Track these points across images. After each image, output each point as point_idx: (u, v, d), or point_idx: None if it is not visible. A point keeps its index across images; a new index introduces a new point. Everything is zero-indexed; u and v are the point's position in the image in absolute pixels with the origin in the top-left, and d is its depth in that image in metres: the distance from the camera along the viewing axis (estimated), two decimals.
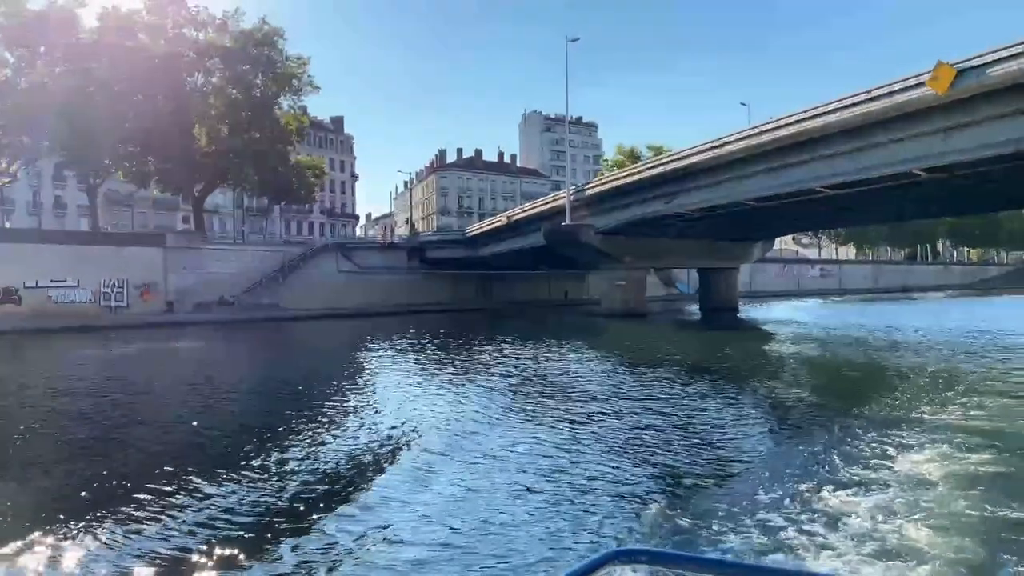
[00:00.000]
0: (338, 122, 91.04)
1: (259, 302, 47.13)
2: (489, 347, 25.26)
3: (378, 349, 27.19)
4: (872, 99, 21.70)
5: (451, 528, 6.67)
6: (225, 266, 47.19)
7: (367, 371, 21.27)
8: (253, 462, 9.25)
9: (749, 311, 48.13)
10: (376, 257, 57.75)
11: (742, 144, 27.25)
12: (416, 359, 24.15)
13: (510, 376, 17.89)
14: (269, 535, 6.63)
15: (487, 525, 6.77)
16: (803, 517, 6.54)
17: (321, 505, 7.55)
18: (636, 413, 12.63)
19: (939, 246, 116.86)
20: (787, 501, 7.08)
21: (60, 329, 36.29)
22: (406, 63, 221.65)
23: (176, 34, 43.79)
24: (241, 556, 6.07)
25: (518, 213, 47.44)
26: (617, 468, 8.82)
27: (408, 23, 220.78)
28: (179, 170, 43.31)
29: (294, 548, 6.26)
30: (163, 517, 7.05)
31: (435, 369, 20.82)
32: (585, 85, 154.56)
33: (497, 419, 12.40)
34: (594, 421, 12.01)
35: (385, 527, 6.74)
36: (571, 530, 6.62)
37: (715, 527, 6.38)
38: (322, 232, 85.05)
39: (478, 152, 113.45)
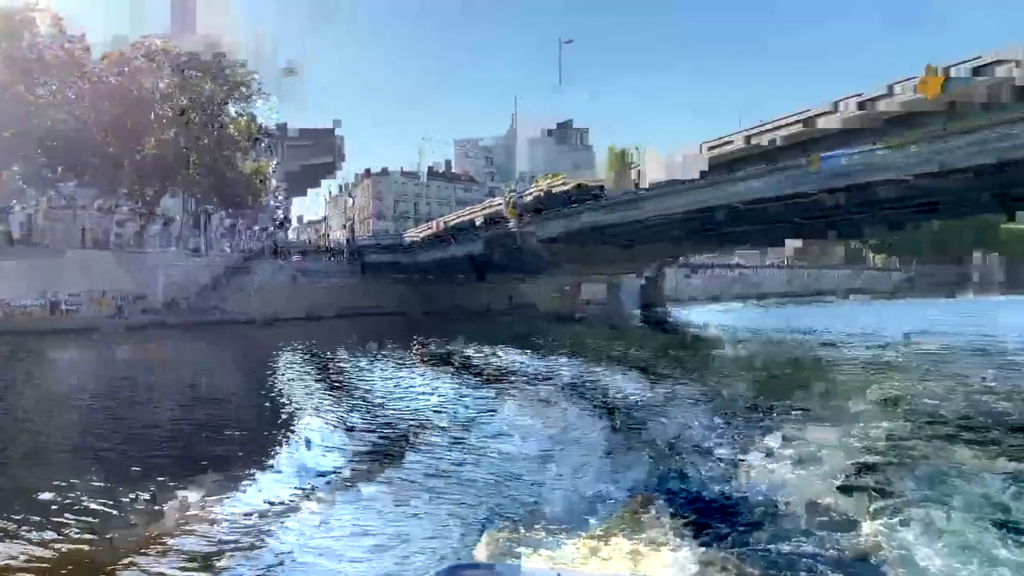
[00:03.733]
0: (282, 128, 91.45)
1: (206, 305, 48.16)
2: (432, 345, 27.57)
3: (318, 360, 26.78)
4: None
5: None
6: (175, 272, 48.08)
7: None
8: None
9: (674, 314, 52.41)
10: (319, 262, 59.29)
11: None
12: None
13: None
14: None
15: None
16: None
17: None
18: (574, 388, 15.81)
19: (867, 250, 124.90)
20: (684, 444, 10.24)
21: (18, 333, 36.48)
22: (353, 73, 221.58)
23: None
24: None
25: (451, 219, 49.43)
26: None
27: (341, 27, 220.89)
28: (129, 174, 44.39)
29: None
30: None
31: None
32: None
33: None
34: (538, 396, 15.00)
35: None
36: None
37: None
38: (259, 238, 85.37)
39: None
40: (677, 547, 6.10)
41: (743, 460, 9.12)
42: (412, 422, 12.46)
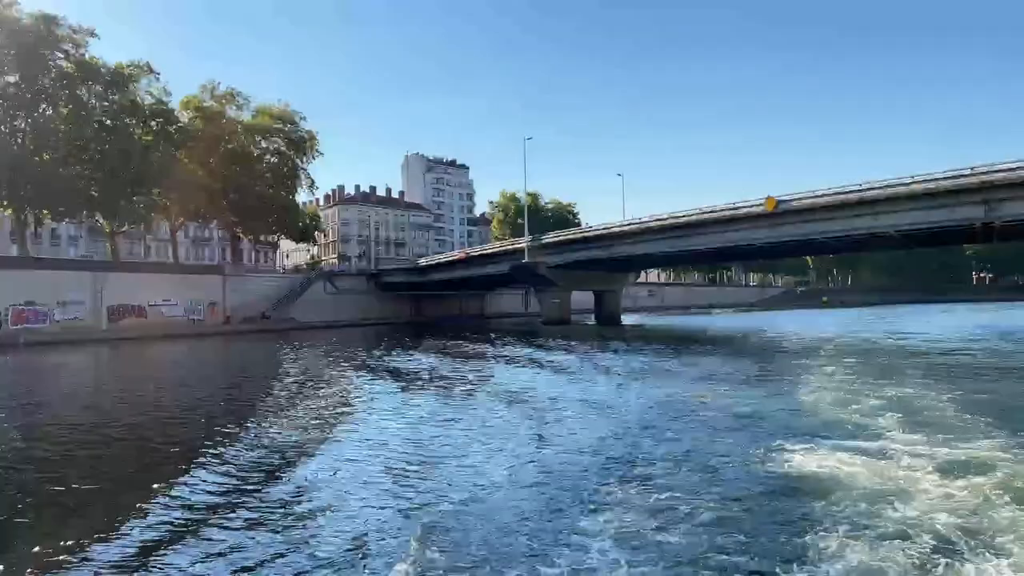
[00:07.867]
0: None
1: (284, 316, 63.55)
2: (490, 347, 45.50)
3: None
4: (729, 210, 45.20)
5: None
6: (255, 289, 63.35)
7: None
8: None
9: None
10: (348, 282, 75.32)
11: (653, 224, 49.85)
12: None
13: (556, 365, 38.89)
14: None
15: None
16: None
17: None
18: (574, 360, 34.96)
19: (732, 272, 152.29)
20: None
21: (176, 335, 51.26)
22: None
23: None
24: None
25: (475, 251, 68.10)
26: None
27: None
28: (243, 219, 59.90)
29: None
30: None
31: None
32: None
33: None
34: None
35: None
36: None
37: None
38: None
39: (372, 188, 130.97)
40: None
41: None
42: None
